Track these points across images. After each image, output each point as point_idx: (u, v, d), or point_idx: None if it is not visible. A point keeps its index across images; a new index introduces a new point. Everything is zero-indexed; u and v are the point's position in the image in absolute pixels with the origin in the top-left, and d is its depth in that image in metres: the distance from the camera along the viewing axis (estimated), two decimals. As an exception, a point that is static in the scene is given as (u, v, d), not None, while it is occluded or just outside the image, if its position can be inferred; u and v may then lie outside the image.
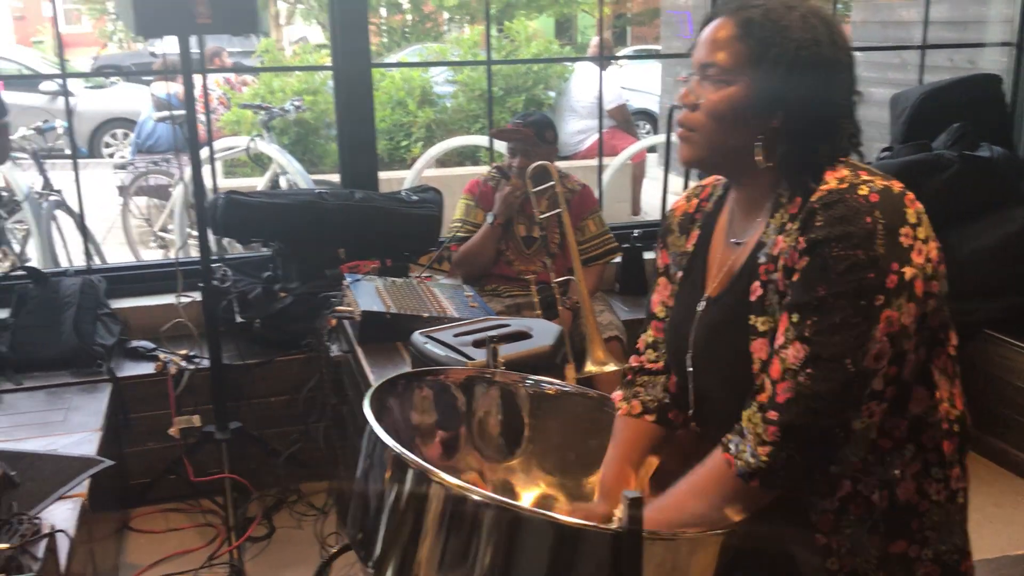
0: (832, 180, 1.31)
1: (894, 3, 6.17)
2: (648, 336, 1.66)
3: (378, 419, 1.37)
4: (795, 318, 1.27)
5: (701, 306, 1.47)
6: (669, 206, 1.65)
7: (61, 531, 2.06)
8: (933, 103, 4.03)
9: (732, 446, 1.32)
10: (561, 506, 1.62)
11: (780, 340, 1.29)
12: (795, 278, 1.29)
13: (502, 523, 1.21)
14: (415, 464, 1.27)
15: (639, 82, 11.94)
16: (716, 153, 1.39)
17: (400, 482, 1.29)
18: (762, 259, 1.37)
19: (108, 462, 2.51)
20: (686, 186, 3.97)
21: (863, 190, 1.27)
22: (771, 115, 1.33)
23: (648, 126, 11.52)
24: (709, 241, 1.53)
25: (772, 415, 1.27)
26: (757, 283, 1.36)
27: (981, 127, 3.92)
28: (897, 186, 1.30)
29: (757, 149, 1.35)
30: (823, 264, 1.25)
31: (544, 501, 1.64)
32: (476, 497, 1.21)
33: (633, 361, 1.68)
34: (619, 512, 1.14)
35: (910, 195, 1.30)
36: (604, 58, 5.78)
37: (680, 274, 1.58)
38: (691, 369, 1.49)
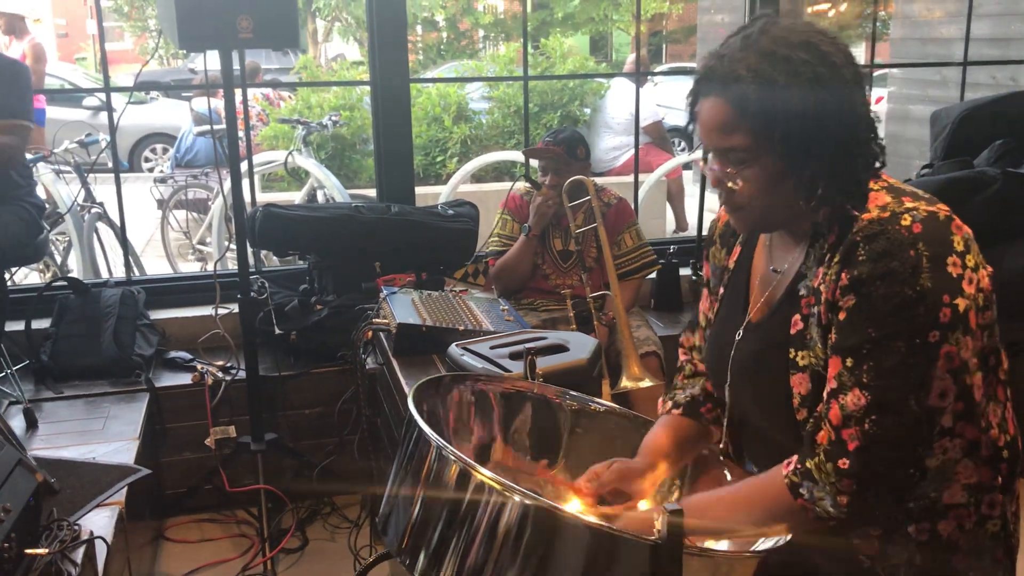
0: (874, 209, 1.27)
1: (934, 20, 6.12)
2: (694, 339, 1.67)
3: (420, 417, 1.37)
4: (849, 363, 1.23)
5: (739, 334, 1.46)
6: (716, 214, 1.63)
7: (99, 538, 2.07)
8: (974, 120, 3.98)
9: (805, 492, 1.27)
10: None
11: (834, 384, 1.25)
12: (841, 317, 1.25)
13: (541, 524, 1.20)
14: (458, 459, 1.26)
15: (674, 99, 11.91)
16: (771, 217, 1.37)
17: (440, 478, 1.29)
18: (803, 291, 1.34)
19: (145, 471, 2.53)
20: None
21: (906, 220, 1.23)
22: (807, 164, 1.29)
23: (683, 143, 11.49)
24: (750, 261, 1.50)
25: (843, 464, 1.23)
26: (798, 316, 1.34)
27: (1024, 144, 3.86)
28: (943, 211, 1.26)
29: (804, 195, 1.31)
30: (870, 304, 1.21)
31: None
32: (517, 497, 1.21)
33: (681, 355, 1.70)
34: (659, 523, 1.13)
35: (956, 220, 1.26)
36: (640, 74, 5.79)
37: (721, 290, 1.56)
38: (728, 393, 1.48)
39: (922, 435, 1.23)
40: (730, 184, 1.33)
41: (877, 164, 1.34)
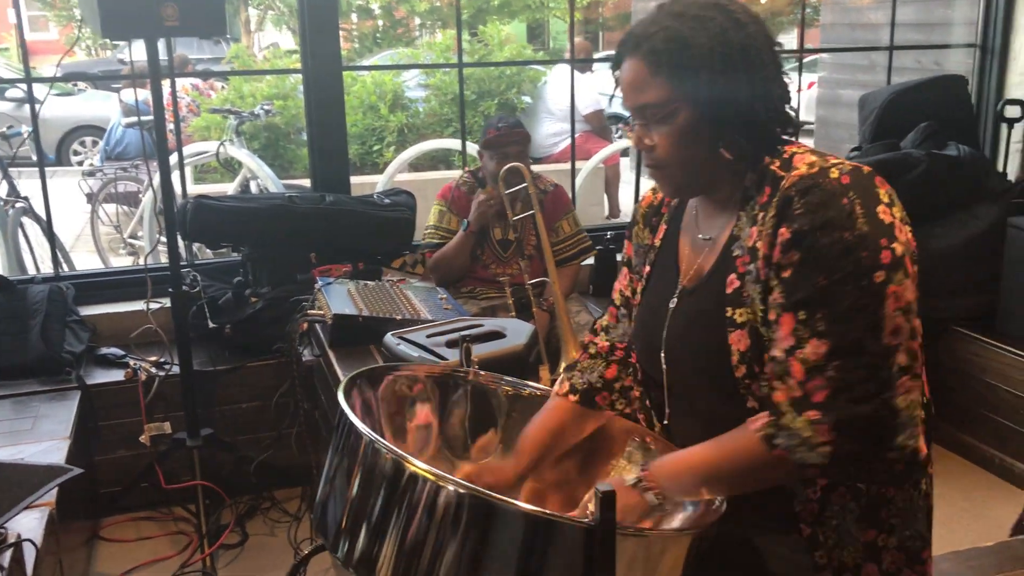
0: (802, 166, 1.32)
1: (862, 6, 6.23)
2: (603, 320, 1.69)
3: (351, 410, 1.36)
4: (803, 315, 1.26)
5: (674, 301, 1.47)
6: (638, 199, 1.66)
7: (27, 540, 2.02)
8: (901, 103, 4.08)
9: (781, 441, 1.26)
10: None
11: (790, 341, 1.27)
12: (787, 274, 1.27)
13: (476, 512, 1.20)
14: (390, 451, 1.26)
15: (611, 87, 11.97)
16: (693, 176, 1.40)
17: (373, 470, 1.28)
18: (737, 252, 1.37)
19: (77, 470, 2.46)
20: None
21: (834, 172, 1.28)
22: (720, 115, 1.34)
23: (620, 130, 11.57)
24: (677, 237, 1.53)
25: (814, 415, 1.24)
26: (734, 275, 1.36)
27: (948, 127, 3.96)
28: (865, 168, 1.31)
29: (723, 150, 1.36)
30: (815, 255, 1.25)
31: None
32: (451, 486, 1.21)
33: (585, 338, 1.71)
34: (592, 506, 1.13)
35: (879, 177, 1.31)
36: (576, 61, 5.80)
37: (647, 268, 1.58)
38: (665, 365, 1.49)
39: (882, 376, 1.24)
40: (647, 141, 1.38)
41: (790, 129, 1.39)
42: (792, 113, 1.40)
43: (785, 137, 1.40)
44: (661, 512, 1.38)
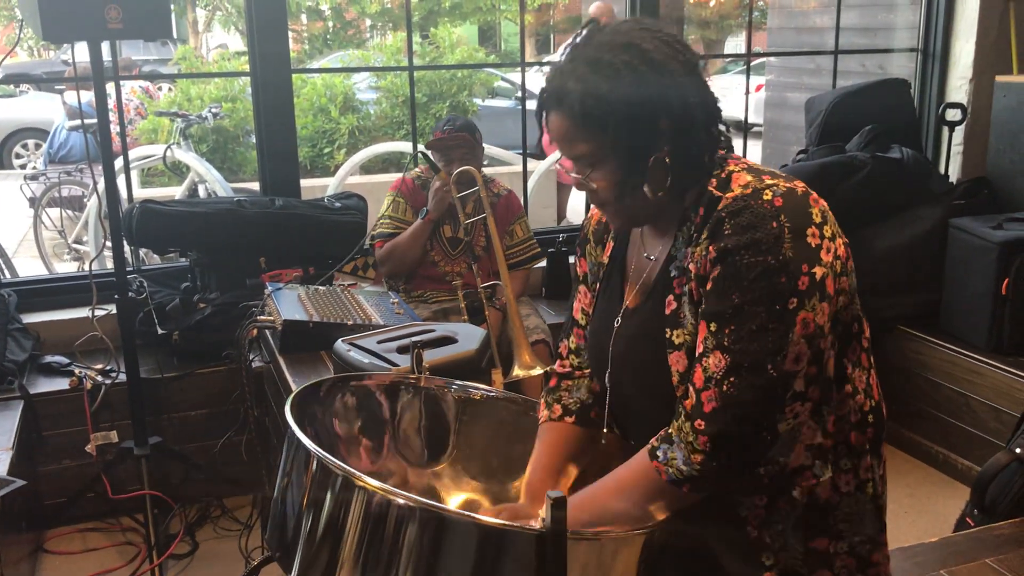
0: (736, 187, 1.33)
1: (808, 10, 6.34)
2: (571, 342, 1.67)
3: (300, 425, 1.34)
4: (713, 327, 1.29)
5: (618, 320, 1.49)
6: (587, 214, 1.66)
7: (-31, 555, 1.98)
8: (846, 107, 4.15)
9: (660, 453, 1.32)
10: (486, 511, 1.61)
11: (700, 348, 1.31)
12: (709, 286, 1.30)
13: (427, 525, 1.20)
14: (338, 468, 1.25)
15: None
16: (637, 211, 1.41)
17: (323, 487, 1.27)
18: (674, 272, 1.39)
19: (19, 482, 2.42)
20: None
21: (767, 195, 1.30)
22: (646, 160, 1.34)
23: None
24: (625, 253, 1.54)
25: (700, 424, 1.28)
26: (671, 296, 1.38)
27: (892, 129, 4.04)
28: (800, 187, 1.33)
29: (652, 187, 1.35)
30: (735, 272, 1.27)
31: (469, 506, 1.64)
32: (400, 500, 1.20)
33: (557, 367, 1.68)
34: (543, 512, 1.14)
35: (814, 195, 1.33)
36: (526, 64, 5.81)
37: (598, 285, 1.59)
38: (609, 382, 1.50)
39: (776, 399, 1.28)
40: (589, 184, 1.39)
41: (721, 150, 1.39)
42: (722, 133, 1.40)
43: (722, 153, 1.40)
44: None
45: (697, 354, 1.31)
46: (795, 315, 1.26)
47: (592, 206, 1.58)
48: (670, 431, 1.33)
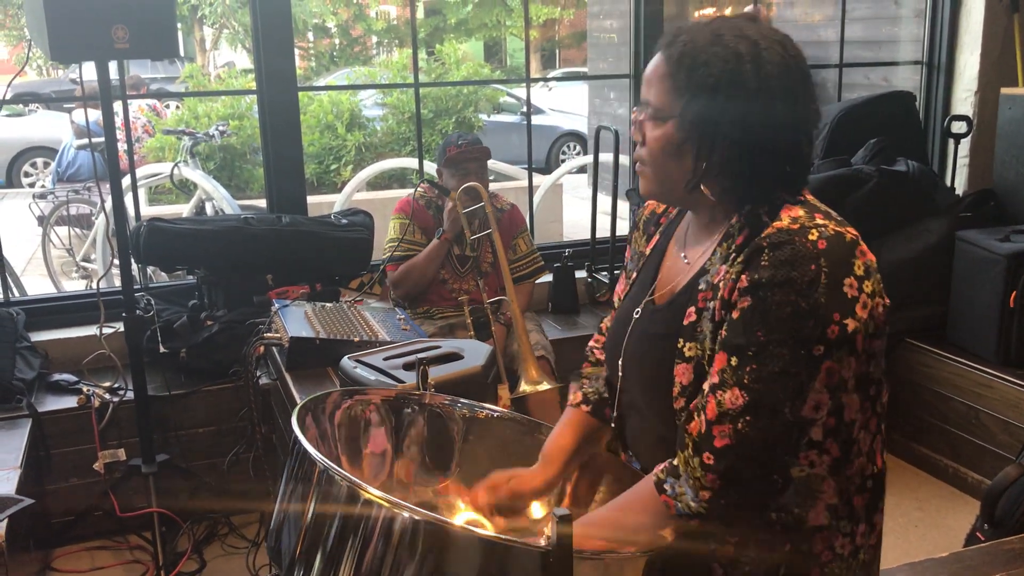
0: (786, 219, 1.29)
1: (813, 24, 6.35)
2: (608, 320, 1.69)
3: (305, 437, 1.34)
4: (734, 361, 1.25)
5: (638, 312, 1.47)
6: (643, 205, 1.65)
7: (-23, 574, 1.98)
8: (851, 120, 4.15)
9: (668, 487, 1.30)
10: (487, 529, 1.61)
11: (716, 379, 1.27)
12: (735, 315, 1.27)
13: (432, 539, 1.19)
14: (343, 479, 1.25)
15: (567, 104, 12.08)
16: (665, 186, 1.39)
17: (327, 497, 1.27)
18: (702, 286, 1.36)
19: (27, 501, 2.42)
20: (614, 207, 4.06)
21: (813, 235, 1.25)
22: (710, 150, 1.31)
23: (578, 147, 11.66)
24: (665, 250, 1.52)
25: (709, 459, 1.25)
26: (693, 308, 1.35)
27: (897, 142, 4.04)
28: (851, 233, 1.28)
29: (703, 184, 1.33)
30: (764, 308, 1.23)
31: (470, 525, 1.63)
32: (405, 513, 1.20)
33: (592, 342, 1.72)
34: (548, 530, 1.13)
35: (863, 246, 1.28)
36: (531, 80, 5.83)
37: (634, 275, 1.58)
38: (620, 372, 1.50)
39: (790, 443, 1.25)
40: (638, 134, 1.38)
41: (796, 183, 1.35)
42: (799, 167, 1.35)
43: (789, 184, 1.35)
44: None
45: (712, 383, 1.27)
46: (820, 363, 1.23)
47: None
48: (676, 463, 1.30)
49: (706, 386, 1.29)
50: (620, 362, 1.49)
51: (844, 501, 1.35)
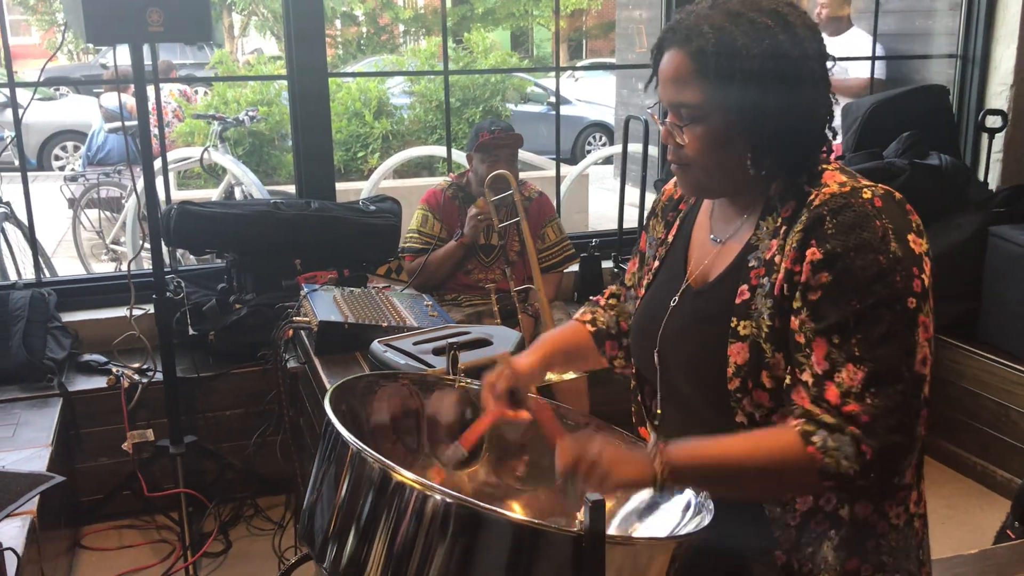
0: (833, 184, 1.28)
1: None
2: (615, 288, 1.72)
3: (338, 419, 1.35)
4: (836, 340, 1.22)
5: (675, 300, 1.44)
6: (661, 190, 1.63)
7: (9, 549, 2.01)
8: (883, 113, 4.11)
9: (818, 439, 1.22)
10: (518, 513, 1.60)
11: (824, 366, 1.23)
12: (816, 297, 1.23)
13: (463, 521, 1.19)
14: (376, 461, 1.25)
15: (595, 94, 12.05)
16: (716, 180, 1.36)
17: (359, 480, 1.27)
18: (753, 263, 1.33)
19: (58, 478, 2.45)
20: (642, 197, 4.05)
21: (867, 194, 1.25)
22: (757, 129, 1.29)
23: (603, 138, 11.62)
24: (690, 236, 1.50)
25: (854, 430, 1.20)
26: (745, 286, 1.33)
27: (930, 136, 3.99)
28: (896, 193, 1.28)
29: (750, 162, 1.31)
30: (850, 276, 1.21)
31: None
32: (437, 496, 1.20)
33: (598, 298, 1.74)
34: (581, 515, 1.13)
35: (909, 204, 1.29)
36: (559, 69, 5.82)
37: (656, 263, 1.55)
38: (658, 364, 1.45)
39: (914, 406, 1.23)
40: (678, 139, 1.33)
41: (825, 149, 1.34)
42: (831, 134, 1.35)
43: (825, 146, 1.34)
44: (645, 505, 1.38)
45: (821, 370, 1.23)
46: (916, 316, 1.22)
47: (666, 184, 1.57)
48: (825, 420, 1.23)
49: (810, 378, 1.24)
50: (656, 353, 1.45)
51: (911, 476, 1.35)
